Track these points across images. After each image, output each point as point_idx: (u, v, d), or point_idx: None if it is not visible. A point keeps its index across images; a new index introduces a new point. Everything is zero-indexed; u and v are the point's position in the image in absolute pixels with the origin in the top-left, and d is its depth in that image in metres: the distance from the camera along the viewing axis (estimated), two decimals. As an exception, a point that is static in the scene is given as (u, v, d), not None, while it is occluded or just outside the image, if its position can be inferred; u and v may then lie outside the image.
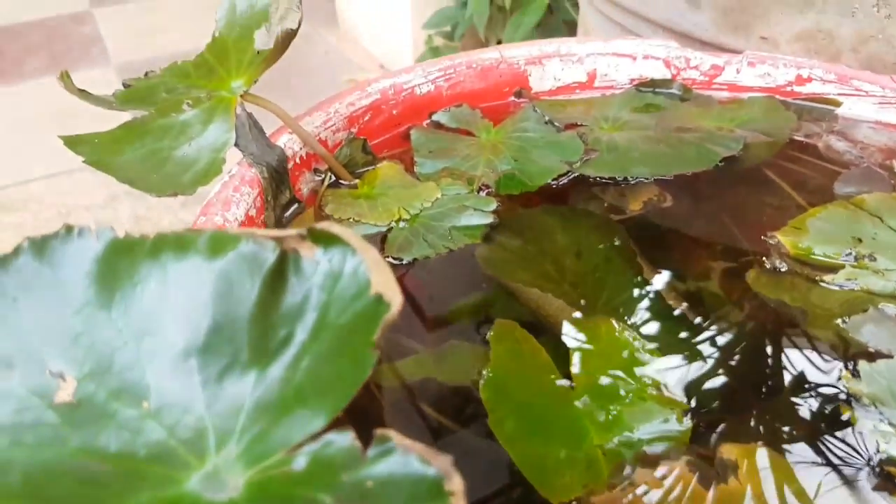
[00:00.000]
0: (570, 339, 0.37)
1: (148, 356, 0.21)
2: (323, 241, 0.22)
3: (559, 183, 0.50)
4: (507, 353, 0.36)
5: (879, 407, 0.33)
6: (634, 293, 0.42)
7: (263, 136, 0.43)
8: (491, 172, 0.50)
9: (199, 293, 0.21)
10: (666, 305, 0.41)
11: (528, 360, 0.36)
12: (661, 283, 0.42)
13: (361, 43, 2.13)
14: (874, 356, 0.35)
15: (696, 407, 0.33)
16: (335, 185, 0.47)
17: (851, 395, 0.34)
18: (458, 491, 0.18)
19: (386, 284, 0.21)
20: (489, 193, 0.48)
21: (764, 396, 0.35)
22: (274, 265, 0.21)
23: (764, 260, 0.41)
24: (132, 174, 0.37)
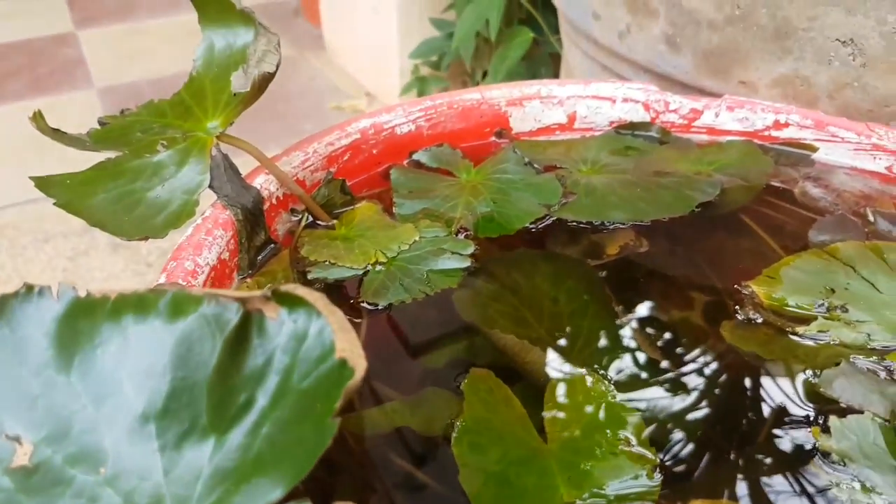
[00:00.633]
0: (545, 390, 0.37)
1: (106, 420, 0.21)
2: (288, 302, 0.22)
3: (537, 226, 0.50)
4: (480, 404, 0.35)
5: (849, 464, 0.33)
6: (610, 340, 0.42)
7: (239, 177, 0.42)
8: (469, 214, 0.50)
9: (158, 356, 0.21)
10: (641, 354, 0.40)
11: (501, 411, 0.35)
12: (636, 330, 0.42)
13: (348, 70, 2.14)
14: (845, 412, 0.35)
15: (666, 461, 0.33)
16: (312, 225, 0.47)
17: (821, 451, 0.33)
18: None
19: (351, 349, 0.21)
20: (467, 236, 0.48)
21: (735, 451, 0.35)
22: (236, 327, 0.21)
23: (738, 310, 0.42)
24: (103, 217, 0.37)
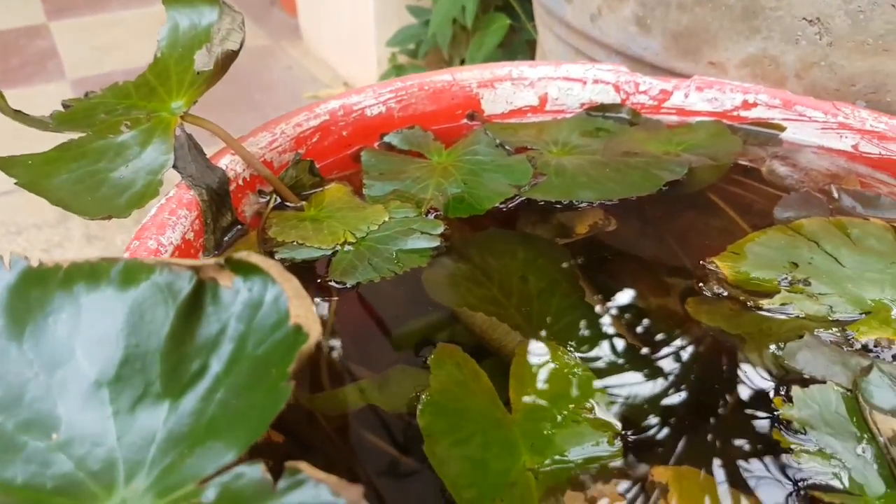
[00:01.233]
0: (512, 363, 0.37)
1: (59, 388, 0.21)
2: (242, 270, 0.22)
3: (508, 206, 0.50)
4: (447, 377, 0.35)
5: (810, 432, 0.33)
6: (577, 316, 0.42)
7: (203, 157, 0.42)
8: (440, 196, 0.50)
9: (111, 324, 0.21)
10: (608, 329, 0.41)
11: (468, 384, 0.36)
12: (603, 307, 0.42)
13: (325, 59, 2.13)
14: (808, 382, 0.36)
15: (630, 430, 0.34)
16: (281, 207, 0.47)
17: (784, 420, 0.34)
18: (365, 525, 0.18)
19: (305, 315, 0.21)
20: (437, 216, 0.48)
21: (698, 421, 0.35)
22: (189, 295, 0.21)
23: (702, 286, 0.42)
24: (66, 196, 0.37)
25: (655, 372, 0.38)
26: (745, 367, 0.38)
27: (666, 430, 0.34)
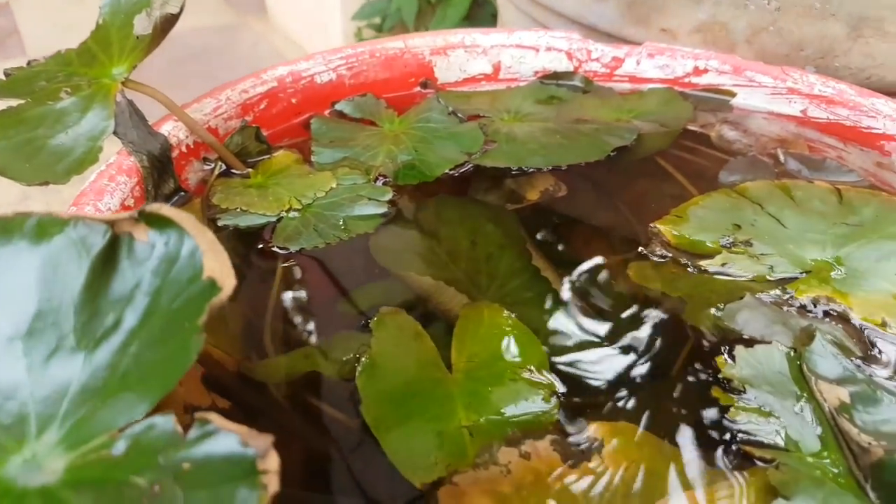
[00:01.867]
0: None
1: (-29, 343, 0.20)
2: (156, 223, 0.21)
3: (459, 173, 0.50)
4: (388, 339, 0.36)
5: (750, 390, 0.34)
6: (524, 280, 0.42)
7: (145, 123, 0.42)
8: (390, 163, 0.50)
9: (23, 278, 0.21)
10: (551, 291, 0.41)
11: (410, 346, 0.36)
12: (550, 270, 0.43)
13: (290, 34, 2.10)
14: (749, 343, 0.36)
15: (569, 388, 0.34)
16: (226, 174, 0.47)
17: (725, 379, 0.34)
18: (272, 470, 0.18)
19: (220, 268, 0.21)
20: (386, 183, 0.48)
21: (638, 380, 0.35)
22: (104, 249, 0.21)
23: (642, 250, 0.42)
24: (2, 162, 0.36)
25: (597, 333, 0.38)
26: (686, 328, 0.38)
27: (605, 388, 0.35)
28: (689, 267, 0.41)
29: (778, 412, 0.33)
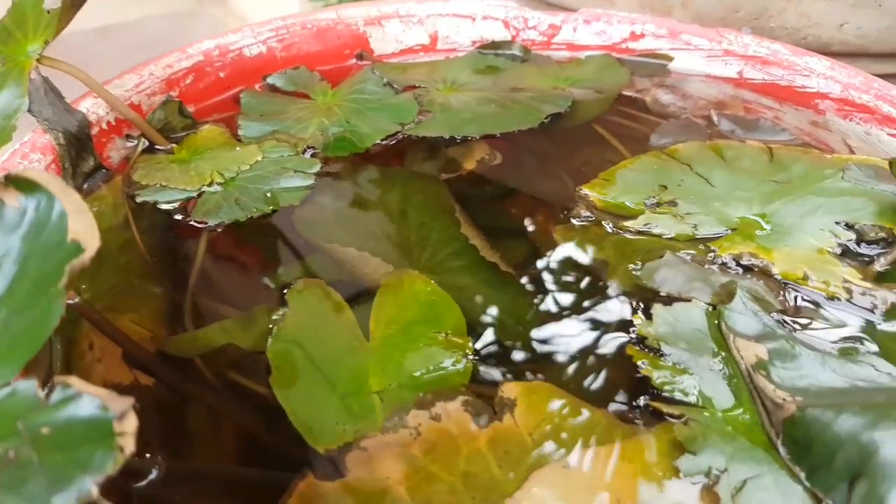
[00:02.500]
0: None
1: None
2: (23, 187, 0.21)
3: (392, 143, 0.49)
4: (305, 311, 0.35)
5: (665, 347, 0.34)
6: (455, 249, 0.42)
7: (61, 100, 0.41)
8: (321, 135, 0.49)
9: None
10: (482, 259, 0.41)
11: (328, 317, 0.35)
12: (479, 237, 0.42)
13: (249, 19, 2.08)
14: (669, 300, 0.36)
15: (486, 350, 0.34)
16: (150, 151, 0.46)
17: (640, 336, 0.34)
18: (129, 431, 0.17)
19: (85, 230, 0.20)
20: (315, 156, 0.47)
21: (556, 340, 0.35)
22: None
23: (568, 213, 0.42)
24: None
25: (519, 295, 0.38)
26: (608, 289, 0.38)
27: (522, 349, 0.34)
28: (611, 228, 0.41)
29: (693, 369, 0.33)
